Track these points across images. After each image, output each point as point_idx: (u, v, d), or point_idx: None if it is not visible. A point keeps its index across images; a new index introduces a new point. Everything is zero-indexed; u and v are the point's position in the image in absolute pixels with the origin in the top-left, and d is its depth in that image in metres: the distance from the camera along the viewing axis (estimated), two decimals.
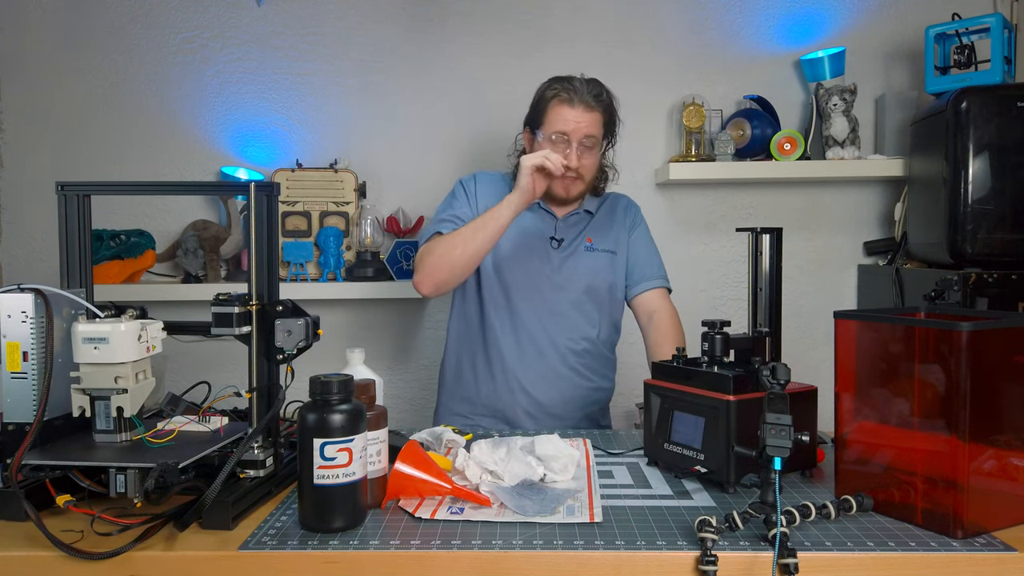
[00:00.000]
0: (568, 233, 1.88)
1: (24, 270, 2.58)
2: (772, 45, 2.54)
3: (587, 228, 1.90)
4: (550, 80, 1.83)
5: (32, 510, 0.97)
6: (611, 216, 1.94)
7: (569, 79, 1.80)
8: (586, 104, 1.77)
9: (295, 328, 1.13)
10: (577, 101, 1.77)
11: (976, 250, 1.98)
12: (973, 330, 0.96)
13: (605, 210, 1.94)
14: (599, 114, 1.79)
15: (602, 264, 1.88)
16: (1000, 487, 1.03)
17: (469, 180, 1.92)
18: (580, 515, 1.06)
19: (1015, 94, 1.98)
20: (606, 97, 1.81)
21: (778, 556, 0.92)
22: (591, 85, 1.79)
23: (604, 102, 1.81)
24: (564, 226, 1.89)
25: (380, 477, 1.12)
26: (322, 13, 2.55)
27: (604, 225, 1.92)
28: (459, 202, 1.88)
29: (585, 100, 1.77)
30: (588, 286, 1.86)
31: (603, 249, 1.89)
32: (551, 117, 1.78)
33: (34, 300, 1.10)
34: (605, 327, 1.90)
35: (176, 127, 2.58)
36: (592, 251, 1.88)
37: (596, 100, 1.78)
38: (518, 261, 1.84)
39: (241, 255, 2.50)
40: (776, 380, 1.06)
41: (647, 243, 1.97)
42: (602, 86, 1.82)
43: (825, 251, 2.58)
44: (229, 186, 2.51)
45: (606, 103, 1.81)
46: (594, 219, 1.92)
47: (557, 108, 1.78)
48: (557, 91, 1.78)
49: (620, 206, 1.97)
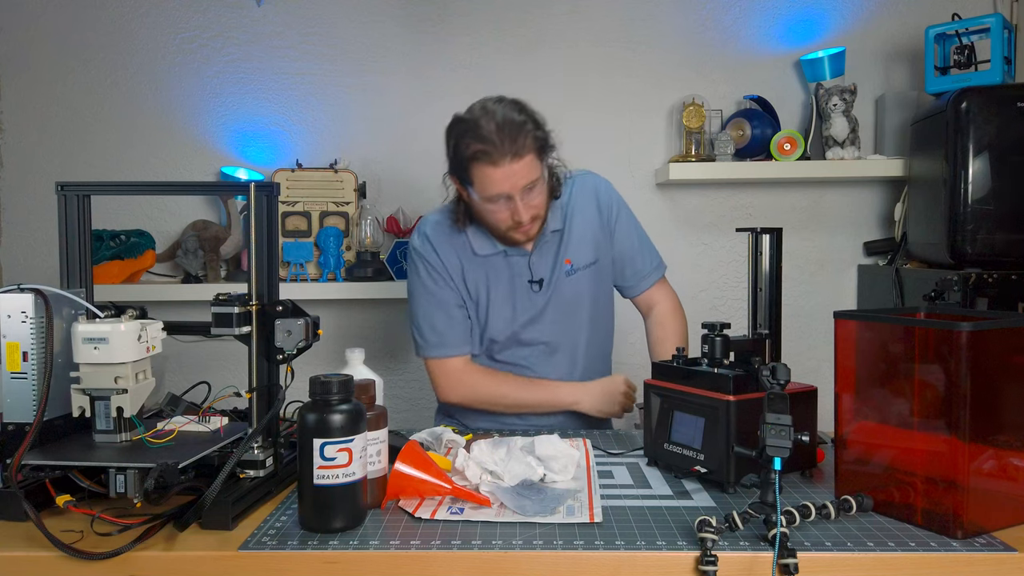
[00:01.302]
0: (545, 267, 1.74)
1: (24, 270, 2.59)
2: (772, 45, 2.54)
3: (561, 249, 1.74)
4: (459, 126, 1.58)
5: (32, 510, 0.97)
6: (584, 220, 1.76)
7: (478, 127, 1.54)
8: (512, 155, 1.53)
9: (295, 328, 1.13)
10: (499, 157, 1.53)
11: (976, 250, 1.98)
12: (973, 330, 0.96)
13: (576, 217, 1.75)
14: (529, 153, 1.55)
15: (585, 282, 1.76)
16: (1000, 487, 1.03)
17: (427, 249, 1.73)
18: (580, 515, 1.05)
19: (1015, 94, 1.97)
20: (530, 128, 1.56)
21: (778, 556, 0.92)
22: (509, 129, 1.53)
23: (530, 141, 1.55)
24: (538, 260, 1.73)
25: (380, 477, 1.12)
26: (322, 13, 2.55)
27: (578, 236, 1.75)
28: (440, 288, 1.72)
29: (508, 152, 1.53)
30: (576, 312, 1.77)
31: (583, 265, 1.75)
32: (479, 180, 1.57)
33: (34, 300, 1.10)
34: (597, 341, 1.84)
35: (176, 127, 2.58)
36: (573, 273, 1.75)
37: (521, 147, 1.53)
38: (505, 316, 1.74)
39: (241, 255, 2.50)
40: (776, 380, 1.06)
41: (631, 233, 1.82)
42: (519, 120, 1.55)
43: (825, 251, 2.58)
44: (229, 186, 2.51)
45: (532, 137, 1.56)
46: (564, 234, 1.75)
47: (481, 170, 1.55)
48: (473, 150, 1.54)
49: (590, 201, 1.77)
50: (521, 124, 1.55)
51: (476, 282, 1.75)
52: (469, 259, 1.74)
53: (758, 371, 1.13)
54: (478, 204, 1.63)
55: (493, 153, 1.53)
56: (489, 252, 1.73)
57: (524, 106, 1.60)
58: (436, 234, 1.75)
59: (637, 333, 2.16)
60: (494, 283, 1.74)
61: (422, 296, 1.76)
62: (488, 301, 1.75)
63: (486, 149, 1.53)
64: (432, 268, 1.74)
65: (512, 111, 1.57)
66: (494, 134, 1.53)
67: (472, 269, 1.74)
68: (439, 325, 1.74)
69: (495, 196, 1.58)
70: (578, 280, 1.76)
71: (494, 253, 1.73)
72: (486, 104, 1.59)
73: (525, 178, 1.57)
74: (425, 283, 1.75)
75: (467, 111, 1.61)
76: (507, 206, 1.60)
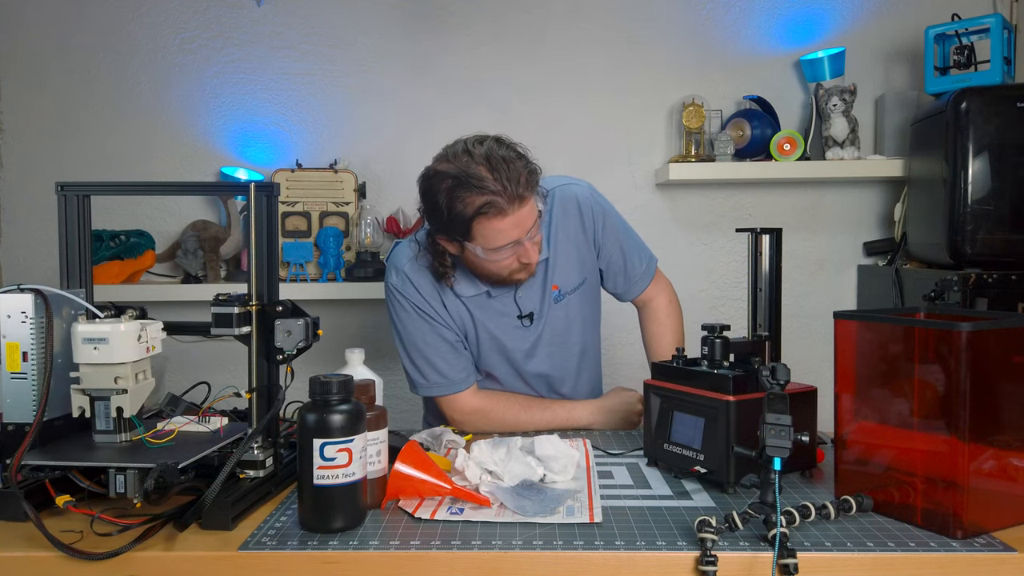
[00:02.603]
0: (533, 300, 1.65)
1: (24, 270, 2.59)
2: (772, 45, 2.54)
3: (548, 277, 1.65)
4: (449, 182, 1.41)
5: (32, 510, 0.97)
6: (566, 237, 1.65)
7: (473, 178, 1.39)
8: (519, 200, 1.41)
9: (295, 328, 1.13)
10: (506, 206, 1.40)
11: (976, 250, 1.98)
12: (973, 330, 0.96)
13: (560, 240, 1.64)
14: (529, 194, 1.43)
15: (575, 305, 1.69)
16: (1000, 487, 1.03)
17: (409, 290, 1.60)
18: (580, 515, 1.05)
19: (1015, 94, 1.98)
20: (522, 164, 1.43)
21: (778, 556, 0.92)
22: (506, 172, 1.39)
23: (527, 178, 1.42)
24: (525, 293, 1.64)
25: (380, 477, 1.12)
26: (322, 13, 2.55)
27: (563, 260, 1.65)
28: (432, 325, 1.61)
29: (515, 198, 1.40)
30: (569, 338, 1.71)
31: (571, 289, 1.67)
32: (486, 235, 1.43)
33: (34, 300, 1.10)
34: (590, 350, 1.81)
35: (176, 127, 2.58)
36: (561, 299, 1.66)
37: (524, 188, 1.41)
38: (497, 356, 1.68)
39: (241, 255, 2.50)
40: (776, 380, 1.06)
41: (618, 239, 1.71)
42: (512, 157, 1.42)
43: (825, 251, 2.58)
44: (229, 186, 2.51)
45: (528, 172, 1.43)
46: (551, 262, 1.64)
47: (489, 225, 1.42)
48: (480, 207, 1.39)
49: (572, 218, 1.65)
50: (515, 161, 1.42)
51: (461, 320, 1.64)
52: (451, 299, 1.62)
53: (758, 371, 1.13)
54: (477, 258, 1.50)
55: (500, 203, 1.39)
56: (472, 293, 1.61)
57: (507, 141, 1.46)
58: (413, 271, 1.61)
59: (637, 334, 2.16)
60: (480, 323, 1.64)
61: (414, 337, 1.63)
62: (477, 340, 1.66)
63: (491, 200, 1.39)
64: (418, 308, 1.61)
65: (501, 150, 1.42)
66: (495, 183, 1.39)
67: (455, 307, 1.63)
68: (440, 365, 1.62)
69: (503, 247, 1.46)
70: (567, 305, 1.68)
71: (477, 294, 1.62)
72: (470, 149, 1.43)
73: (532, 219, 1.46)
74: (416, 323, 1.62)
75: (447, 160, 1.44)
76: (513, 252, 1.48)
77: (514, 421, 1.64)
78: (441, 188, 1.42)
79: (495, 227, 1.42)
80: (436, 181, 1.44)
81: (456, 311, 1.64)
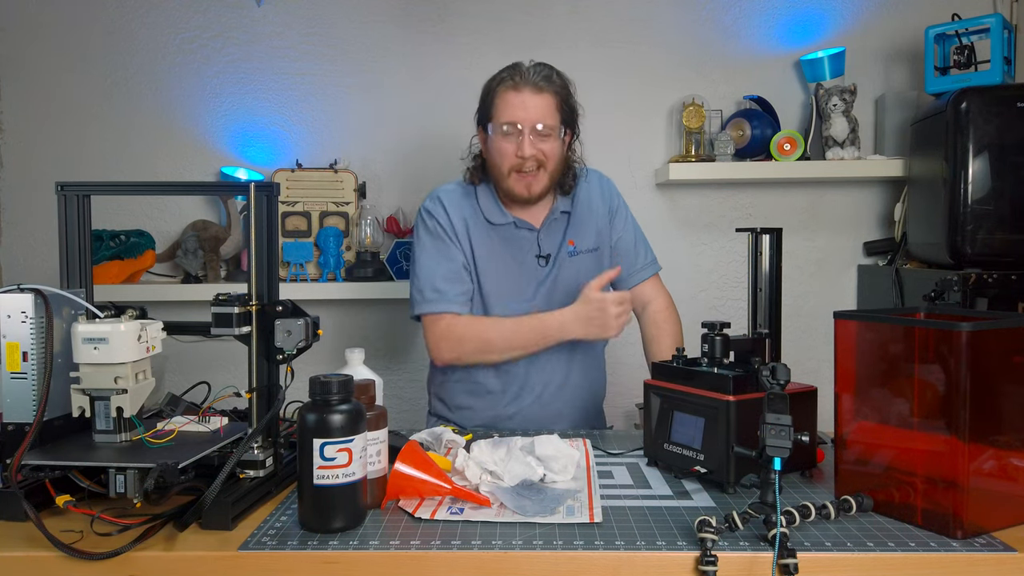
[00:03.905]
0: (552, 244, 1.79)
1: (24, 270, 2.58)
2: (772, 45, 2.54)
3: (568, 230, 1.80)
4: (495, 74, 1.72)
5: (32, 510, 0.97)
6: (588, 207, 1.83)
7: (515, 65, 1.69)
8: (534, 86, 1.66)
9: (295, 328, 1.13)
10: (523, 85, 1.65)
11: (976, 250, 1.98)
12: (973, 330, 0.96)
13: (582, 202, 1.83)
14: (550, 96, 1.67)
15: (586, 266, 1.79)
16: (1000, 487, 1.03)
17: (438, 210, 1.77)
18: (580, 515, 1.05)
19: (1015, 94, 1.98)
20: (557, 79, 1.69)
21: (778, 556, 0.92)
22: (539, 68, 1.68)
23: (555, 83, 1.68)
24: (546, 236, 1.78)
25: (380, 477, 1.12)
26: (322, 13, 2.55)
27: (583, 220, 1.81)
28: (447, 246, 1.75)
29: (532, 82, 1.66)
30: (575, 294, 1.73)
31: (585, 249, 1.80)
32: (499, 106, 1.68)
33: (34, 300, 1.10)
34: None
35: (176, 127, 2.58)
36: (575, 255, 1.79)
37: (546, 81, 1.67)
38: (508, 286, 1.76)
39: (241, 255, 2.50)
40: (776, 380, 1.06)
41: (630, 227, 1.88)
42: (552, 68, 1.70)
43: (825, 251, 2.58)
44: (229, 186, 2.51)
45: (557, 84, 1.69)
46: (571, 218, 1.81)
47: (504, 96, 1.67)
48: (503, 78, 1.68)
49: (595, 191, 1.85)
50: (552, 71, 1.69)
51: (484, 250, 1.76)
52: (479, 226, 1.77)
53: (758, 371, 1.13)
54: (490, 145, 1.71)
55: (519, 81, 1.66)
56: (500, 221, 1.76)
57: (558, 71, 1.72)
58: (448, 197, 1.79)
59: (637, 334, 2.16)
60: (502, 254, 1.77)
61: (426, 254, 1.76)
62: (494, 270, 1.76)
63: (511, 75, 1.67)
64: (439, 226, 1.76)
65: (549, 66, 1.70)
66: (524, 67, 1.68)
67: (481, 236, 1.76)
68: (439, 283, 1.73)
69: (508, 123, 1.66)
70: (579, 262, 1.79)
71: (505, 223, 1.77)
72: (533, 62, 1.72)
73: (540, 114, 1.66)
74: (432, 242, 1.76)
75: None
76: (515, 140, 1.67)
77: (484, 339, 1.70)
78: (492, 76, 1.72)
79: (506, 99, 1.67)
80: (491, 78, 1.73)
81: (481, 243, 1.76)
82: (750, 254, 1.30)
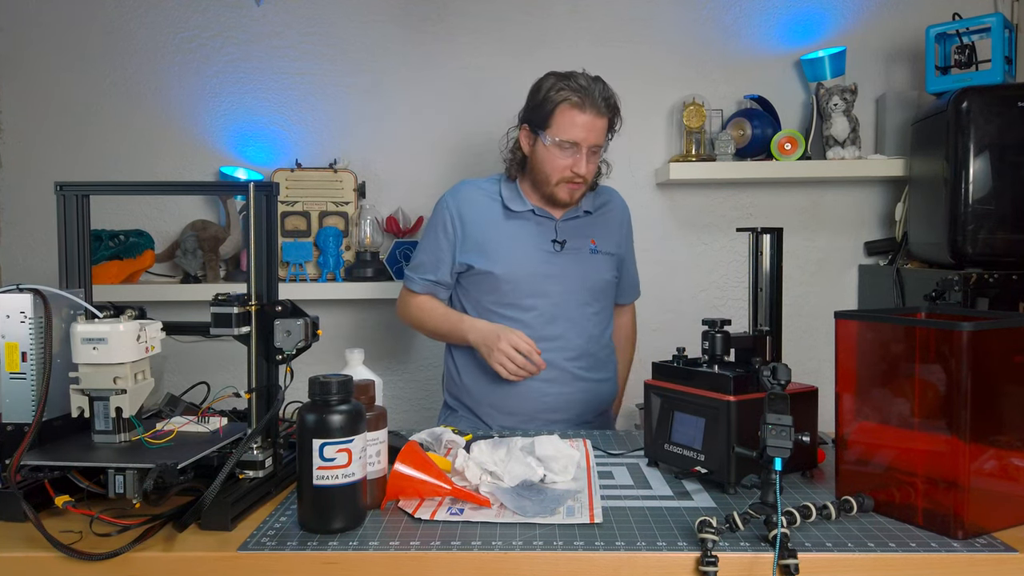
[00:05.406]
0: (570, 234, 1.85)
1: (23, 270, 2.58)
2: (772, 45, 2.54)
3: (589, 230, 1.88)
4: (554, 77, 1.76)
5: (31, 511, 0.97)
6: (607, 217, 1.93)
7: (574, 77, 1.73)
8: (597, 110, 1.72)
9: (294, 328, 1.13)
10: (589, 107, 1.71)
11: (977, 250, 1.98)
12: (974, 330, 0.96)
13: (600, 209, 1.92)
14: (607, 119, 1.76)
15: (606, 265, 1.89)
16: (1001, 487, 1.02)
17: (452, 200, 1.87)
18: (580, 516, 1.05)
19: (1016, 94, 1.97)
20: (613, 100, 1.76)
21: (779, 557, 0.92)
22: (599, 87, 1.74)
23: (613, 108, 1.76)
24: (564, 228, 1.86)
25: (380, 478, 1.11)
26: (322, 13, 2.55)
27: (604, 226, 1.91)
28: (441, 240, 1.85)
29: (596, 106, 1.71)
30: (594, 286, 1.86)
31: (606, 252, 1.89)
32: (560, 122, 1.73)
33: (33, 300, 1.10)
34: (608, 324, 1.91)
35: (176, 127, 2.58)
36: (597, 253, 1.87)
37: (607, 105, 1.73)
38: (522, 267, 1.81)
39: (240, 255, 2.50)
40: (776, 380, 1.06)
41: (632, 249, 2.02)
42: (608, 88, 1.77)
43: (826, 251, 2.57)
44: (228, 186, 2.51)
45: (614, 106, 1.77)
46: (593, 219, 1.89)
47: (567, 113, 1.72)
48: (566, 95, 1.72)
49: (615, 207, 1.96)
50: (609, 93, 1.76)
51: (500, 235, 1.83)
52: (495, 215, 1.84)
53: (758, 371, 1.13)
54: (542, 150, 1.76)
55: (584, 101, 1.71)
56: (520, 208, 1.84)
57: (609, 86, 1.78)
58: (468, 190, 1.89)
59: (639, 335, 2.16)
60: (518, 239, 1.83)
61: (425, 239, 1.91)
62: (509, 253, 1.81)
63: (578, 94, 1.71)
64: (440, 219, 1.86)
65: (604, 83, 1.76)
66: (586, 82, 1.73)
67: (497, 224, 1.84)
68: (416, 266, 1.90)
69: (568, 142, 1.72)
70: (600, 261, 1.87)
71: (524, 210, 1.84)
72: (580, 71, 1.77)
73: (598, 137, 1.74)
74: (430, 230, 1.89)
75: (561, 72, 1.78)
76: (572, 155, 1.74)
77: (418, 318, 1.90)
78: (547, 81, 1.76)
79: (570, 118, 1.72)
80: (546, 78, 1.78)
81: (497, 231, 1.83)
82: (751, 254, 1.30)
